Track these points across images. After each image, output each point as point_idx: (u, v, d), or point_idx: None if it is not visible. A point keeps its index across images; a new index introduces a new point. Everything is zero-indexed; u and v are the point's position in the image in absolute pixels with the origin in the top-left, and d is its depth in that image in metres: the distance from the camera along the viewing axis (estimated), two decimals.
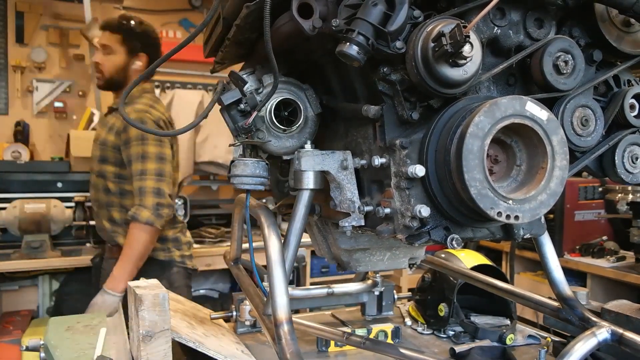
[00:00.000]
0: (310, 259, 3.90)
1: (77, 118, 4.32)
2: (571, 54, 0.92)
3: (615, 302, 1.34)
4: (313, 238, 1.32)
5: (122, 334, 1.35)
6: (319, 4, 0.86)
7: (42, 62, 4.18)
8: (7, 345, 2.95)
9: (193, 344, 1.15)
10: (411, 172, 0.84)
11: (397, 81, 0.85)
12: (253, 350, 1.36)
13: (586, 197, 3.39)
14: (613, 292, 3.04)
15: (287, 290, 0.98)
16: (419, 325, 1.65)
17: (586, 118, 0.97)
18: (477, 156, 0.76)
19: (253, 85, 1.07)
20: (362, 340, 1.17)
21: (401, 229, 0.89)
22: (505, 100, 0.78)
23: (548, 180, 0.80)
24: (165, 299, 1.06)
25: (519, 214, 0.78)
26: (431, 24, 0.80)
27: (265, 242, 1.06)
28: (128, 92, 1.03)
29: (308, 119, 1.09)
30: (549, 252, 1.23)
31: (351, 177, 1.01)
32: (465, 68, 0.79)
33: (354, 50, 0.78)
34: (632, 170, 1.02)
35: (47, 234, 3.31)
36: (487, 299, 1.66)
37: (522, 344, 1.51)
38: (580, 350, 1.00)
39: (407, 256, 1.29)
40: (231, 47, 1.10)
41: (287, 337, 0.93)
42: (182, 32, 4.71)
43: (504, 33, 0.91)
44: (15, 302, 3.65)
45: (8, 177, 3.54)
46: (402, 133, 0.90)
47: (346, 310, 1.85)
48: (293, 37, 0.93)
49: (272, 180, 1.35)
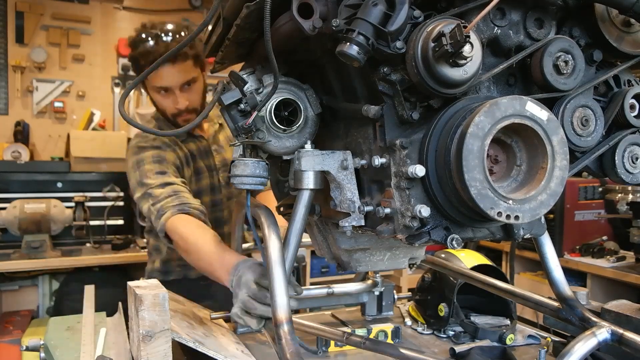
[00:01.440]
0: (310, 259, 3.90)
1: (77, 118, 4.33)
2: (571, 54, 0.92)
3: (615, 302, 1.34)
4: (313, 238, 1.32)
5: (122, 334, 1.35)
6: (319, 4, 0.86)
7: (42, 62, 4.19)
8: (7, 345, 2.95)
9: (193, 344, 1.15)
10: (411, 172, 0.84)
11: (397, 81, 0.85)
12: (253, 350, 1.36)
13: (586, 197, 3.39)
14: (613, 292, 3.04)
15: (287, 290, 0.98)
16: (419, 325, 1.65)
17: (586, 118, 0.97)
18: (477, 156, 0.76)
19: (253, 85, 1.07)
20: (362, 340, 1.17)
21: (401, 229, 0.89)
22: (505, 100, 0.78)
23: (548, 180, 0.80)
24: (165, 299, 1.06)
25: (519, 214, 0.78)
26: (431, 24, 0.80)
27: (265, 242, 1.06)
28: (127, 93, 1.03)
29: (308, 119, 1.09)
30: (549, 252, 1.23)
31: (351, 177, 1.02)
32: (465, 68, 0.79)
33: (354, 50, 0.78)
34: (632, 171, 1.02)
35: (47, 234, 3.32)
36: (487, 299, 1.66)
37: (522, 344, 1.51)
38: (580, 350, 1.01)
39: (407, 256, 1.29)
40: (231, 47, 1.10)
41: (287, 337, 0.94)
42: None
43: (504, 33, 0.91)
44: (15, 302, 3.66)
45: (8, 177, 3.54)
46: (402, 133, 0.90)
47: (346, 310, 1.85)
48: (293, 37, 0.93)
49: (272, 180, 1.35)
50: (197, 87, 1.87)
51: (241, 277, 1.22)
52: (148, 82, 1.86)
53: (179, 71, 1.79)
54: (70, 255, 3.37)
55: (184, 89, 1.83)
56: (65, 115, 4.31)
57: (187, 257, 1.58)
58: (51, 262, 3.26)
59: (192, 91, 1.85)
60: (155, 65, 1.06)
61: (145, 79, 1.82)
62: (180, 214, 1.62)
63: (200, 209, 1.67)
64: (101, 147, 3.76)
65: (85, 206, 3.42)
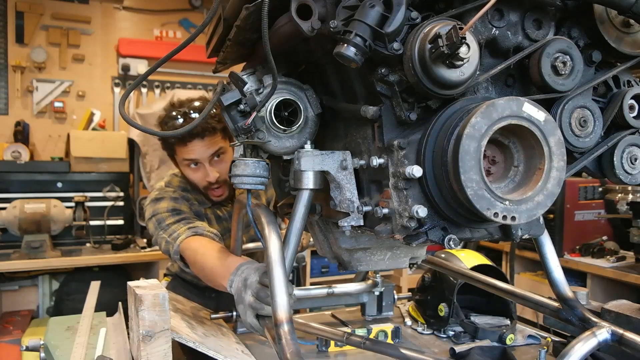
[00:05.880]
0: (310, 259, 3.90)
1: (77, 118, 4.33)
2: (570, 55, 0.92)
3: (615, 302, 1.34)
4: (314, 237, 1.32)
5: (122, 334, 1.35)
6: (317, 5, 0.86)
7: (42, 62, 4.19)
8: (7, 345, 2.96)
9: (193, 344, 1.16)
10: (409, 173, 0.84)
11: (395, 82, 0.86)
12: (253, 350, 1.36)
13: (586, 197, 3.39)
14: (613, 292, 3.04)
15: (287, 290, 0.98)
16: (419, 325, 1.66)
17: (584, 119, 0.97)
18: (473, 157, 0.76)
19: (253, 86, 1.08)
20: (362, 340, 1.17)
21: (399, 229, 0.89)
22: (502, 102, 0.78)
23: (545, 181, 0.80)
24: (165, 299, 1.06)
25: (515, 214, 0.78)
26: (428, 25, 0.80)
27: (265, 241, 1.06)
28: (128, 94, 1.03)
29: (308, 119, 1.09)
30: (549, 252, 1.23)
31: (350, 177, 1.02)
32: (462, 69, 0.79)
33: (351, 51, 0.79)
34: (630, 171, 1.02)
35: (47, 234, 3.32)
36: (487, 299, 1.66)
37: (522, 344, 1.52)
38: (580, 351, 1.01)
39: (408, 256, 1.29)
40: (232, 47, 1.10)
41: (287, 337, 0.94)
42: (182, 32, 4.72)
43: (503, 34, 0.91)
44: (15, 302, 3.66)
45: (8, 177, 3.54)
46: (401, 134, 0.91)
47: (346, 310, 1.86)
48: (292, 38, 0.93)
49: (274, 180, 1.35)
50: (226, 158, 1.89)
51: (246, 279, 1.20)
52: (177, 156, 1.88)
53: (208, 144, 1.81)
54: (70, 255, 3.37)
55: (214, 161, 1.86)
56: (65, 115, 4.31)
57: (195, 269, 1.59)
58: (51, 262, 3.26)
59: (221, 162, 1.87)
60: (155, 67, 1.05)
61: (175, 153, 1.86)
62: (195, 235, 1.64)
63: (214, 232, 1.69)
64: (101, 147, 3.76)
65: (85, 206, 3.42)
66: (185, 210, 1.82)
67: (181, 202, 1.85)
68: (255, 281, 1.17)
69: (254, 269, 1.22)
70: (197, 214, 1.89)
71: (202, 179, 1.86)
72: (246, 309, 1.16)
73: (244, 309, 1.17)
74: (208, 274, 1.45)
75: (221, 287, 1.33)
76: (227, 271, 1.29)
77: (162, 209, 1.79)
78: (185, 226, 1.69)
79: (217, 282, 1.35)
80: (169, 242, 1.67)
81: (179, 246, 1.63)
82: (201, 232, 1.65)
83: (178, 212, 1.80)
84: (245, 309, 1.16)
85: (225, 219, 1.98)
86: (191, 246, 1.60)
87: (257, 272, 1.20)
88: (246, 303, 1.16)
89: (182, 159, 1.85)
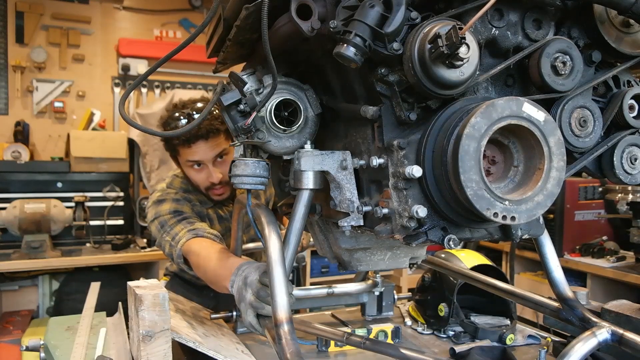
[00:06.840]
0: (310, 259, 3.90)
1: (77, 118, 4.33)
2: (569, 55, 0.92)
3: (615, 302, 1.34)
4: (314, 237, 1.32)
5: (122, 334, 1.35)
6: (317, 5, 0.86)
7: (42, 62, 4.19)
8: (7, 345, 2.96)
9: (193, 344, 1.16)
10: (408, 173, 0.84)
11: (394, 82, 0.86)
12: (253, 350, 1.36)
13: (586, 197, 3.39)
14: (613, 292, 3.04)
15: (287, 290, 0.98)
16: (419, 325, 1.65)
17: (584, 119, 0.97)
18: (473, 157, 0.76)
19: (253, 86, 1.08)
20: (362, 340, 1.17)
21: (399, 229, 0.89)
22: (502, 102, 0.78)
23: (545, 181, 0.80)
24: (165, 299, 1.06)
25: (515, 214, 0.78)
26: (428, 25, 0.80)
27: (265, 241, 1.06)
28: (128, 94, 1.03)
29: (308, 119, 1.09)
30: (549, 252, 1.23)
31: (350, 177, 1.02)
32: (462, 69, 0.79)
33: (351, 51, 0.79)
34: (630, 171, 1.02)
35: (47, 234, 3.32)
36: (487, 299, 1.66)
37: (522, 344, 1.52)
38: (580, 351, 1.01)
39: (408, 256, 1.29)
40: (232, 47, 1.10)
41: (287, 337, 0.94)
42: (182, 32, 4.72)
43: (502, 34, 0.91)
44: (15, 302, 3.66)
45: (8, 177, 3.54)
46: (400, 134, 0.91)
47: (346, 310, 1.86)
48: (292, 38, 0.93)
49: (274, 180, 1.35)
50: (229, 159, 1.88)
51: (247, 278, 1.20)
52: (180, 157, 1.88)
53: (211, 146, 1.82)
54: (70, 255, 3.37)
55: (217, 162, 1.86)
56: (65, 115, 4.31)
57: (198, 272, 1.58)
58: (51, 262, 3.26)
59: (224, 164, 1.87)
60: (155, 67, 1.05)
61: (178, 154, 1.86)
62: (195, 237, 1.64)
63: (214, 233, 1.69)
64: (101, 147, 3.76)
65: (85, 206, 3.42)
66: (187, 211, 1.83)
67: (183, 204, 1.86)
68: (255, 279, 1.18)
69: (254, 267, 1.23)
70: (199, 215, 1.89)
71: (205, 179, 1.86)
72: (247, 307, 1.16)
73: (245, 307, 1.17)
74: (211, 277, 1.45)
75: (224, 290, 1.33)
76: (228, 273, 1.29)
77: (164, 211, 1.80)
78: (186, 228, 1.70)
79: (220, 284, 1.36)
80: (173, 245, 1.68)
81: (181, 250, 1.63)
82: (201, 234, 1.66)
83: (180, 213, 1.80)
84: (247, 308, 1.16)
85: (227, 218, 1.99)
86: (193, 249, 1.60)
87: (257, 270, 1.21)
88: (247, 301, 1.16)
89: (186, 160, 1.85)
